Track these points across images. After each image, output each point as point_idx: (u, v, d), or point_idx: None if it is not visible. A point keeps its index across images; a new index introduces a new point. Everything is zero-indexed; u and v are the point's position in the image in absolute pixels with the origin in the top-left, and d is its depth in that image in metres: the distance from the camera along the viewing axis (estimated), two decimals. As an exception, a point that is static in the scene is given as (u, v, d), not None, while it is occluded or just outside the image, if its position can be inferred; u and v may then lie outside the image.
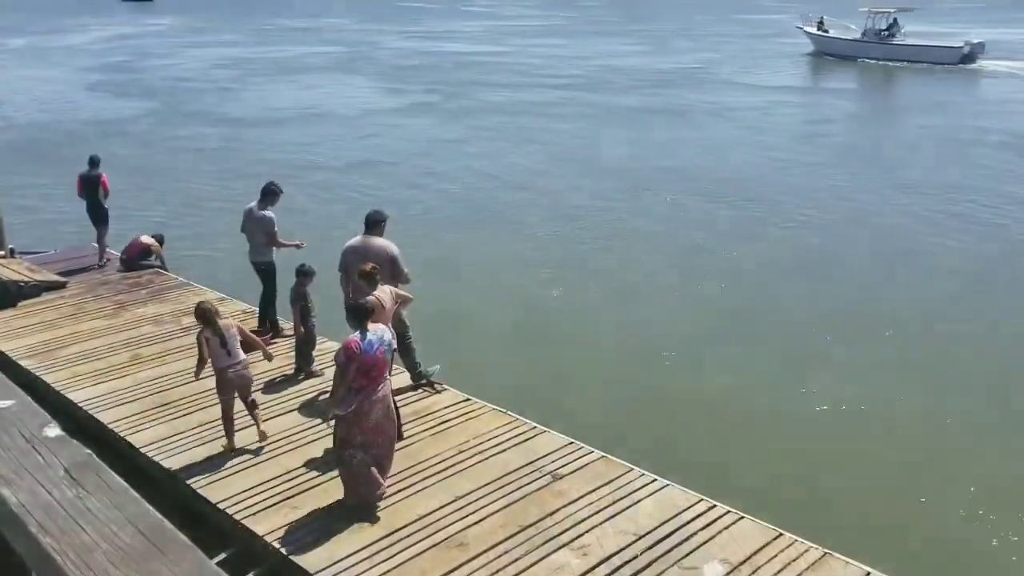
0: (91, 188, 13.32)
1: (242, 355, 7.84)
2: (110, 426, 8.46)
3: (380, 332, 6.96)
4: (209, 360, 7.77)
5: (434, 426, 8.47)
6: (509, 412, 8.73)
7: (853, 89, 42.40)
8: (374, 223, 8.90)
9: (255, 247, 10.65)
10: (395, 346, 7.33)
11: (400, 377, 9.40)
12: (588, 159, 25.40)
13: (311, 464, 7.77)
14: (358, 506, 7.05)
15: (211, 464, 7.75)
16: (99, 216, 13.53)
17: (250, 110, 35.51)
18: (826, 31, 54.38)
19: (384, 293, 7.83)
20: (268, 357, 8.42)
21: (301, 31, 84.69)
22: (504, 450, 8.00)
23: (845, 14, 55.99)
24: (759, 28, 70.56)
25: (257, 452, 7.94)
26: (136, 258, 13.53)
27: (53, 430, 2.14)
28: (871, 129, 31.80)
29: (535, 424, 8.47)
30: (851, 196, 20.81)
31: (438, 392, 9.18)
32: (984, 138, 28.08)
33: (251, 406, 8.10)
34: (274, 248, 10.65)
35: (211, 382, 7.98)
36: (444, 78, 45.42)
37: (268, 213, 10.50)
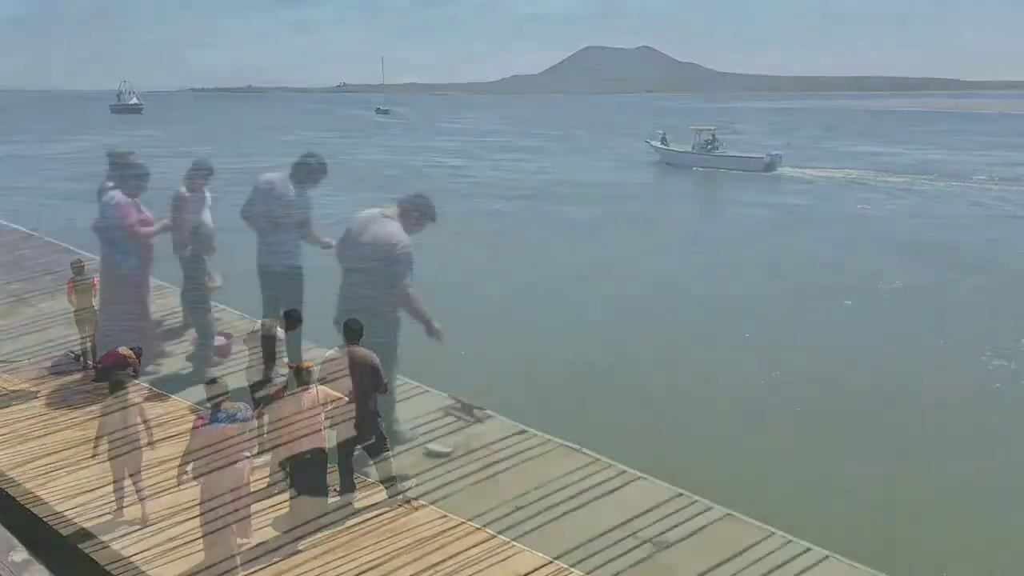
0: (84, 292, 13.50)
1: None
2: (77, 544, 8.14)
3: (234, 410, 7.38)
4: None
5: (409, 545, 8.19)
6: (487, 529, 8.48)
7: (692, 193, 54.68)
8: (355, 332, 8.89)
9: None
10: (253, 423, 7.65)
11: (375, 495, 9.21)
12: (532, 263, 27.46)
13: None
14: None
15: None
16: (90, 318, 13.53)
17: (225, 218, 35.67)
18: (667, 145, 66.56)
19: (308, 396, 8.09)
20: None
21: (282, 143, 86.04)
22: (482, 570, 7.75)
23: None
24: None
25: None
26: (110, 368, 13.30)
27: (19, 554, 2.04)
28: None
29: (514, 543, 8.23)
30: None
31: (415, 509, 8.92)
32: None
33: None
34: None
35: (184, 495, 7.85)
36: (415, 189, 46.45)
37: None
